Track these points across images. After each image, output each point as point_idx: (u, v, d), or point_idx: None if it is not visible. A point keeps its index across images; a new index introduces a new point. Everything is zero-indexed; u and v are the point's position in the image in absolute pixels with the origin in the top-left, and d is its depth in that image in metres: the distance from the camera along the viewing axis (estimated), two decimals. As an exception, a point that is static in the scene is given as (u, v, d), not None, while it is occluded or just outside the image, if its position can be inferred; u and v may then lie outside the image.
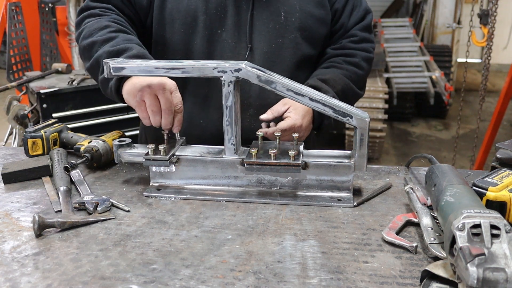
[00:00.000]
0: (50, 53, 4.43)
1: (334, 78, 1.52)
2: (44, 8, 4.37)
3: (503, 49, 8.75)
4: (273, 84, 1.19)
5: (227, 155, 1.25)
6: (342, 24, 1.62)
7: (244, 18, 1.48)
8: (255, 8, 1.48)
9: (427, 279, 0.88)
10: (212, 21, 1.47)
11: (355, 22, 1.62)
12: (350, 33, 1.63)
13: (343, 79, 1.53)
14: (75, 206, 1.18)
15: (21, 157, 1.53)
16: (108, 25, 1.41)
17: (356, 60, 1.60)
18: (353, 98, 1.60)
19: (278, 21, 1.50)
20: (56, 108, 3.22)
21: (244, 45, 1.49)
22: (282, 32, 1.50)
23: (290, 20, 1.50)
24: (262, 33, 1.49)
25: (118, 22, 1.45)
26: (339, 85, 1.50)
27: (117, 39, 1.37)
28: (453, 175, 1.05)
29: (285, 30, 1.50)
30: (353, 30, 1.63)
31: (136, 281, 0.90)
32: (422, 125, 6.94)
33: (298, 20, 1.51)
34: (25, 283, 0.90)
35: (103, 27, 1.41)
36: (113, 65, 1.23)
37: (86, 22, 1.47)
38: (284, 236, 1.06)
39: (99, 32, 1.40)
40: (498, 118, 4.35)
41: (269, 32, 1.50)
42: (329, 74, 1.53)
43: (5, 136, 3.50)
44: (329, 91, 1.46)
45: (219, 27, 1.48)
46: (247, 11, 1.48)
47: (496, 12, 3.94)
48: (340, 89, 1.50)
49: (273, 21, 1.50)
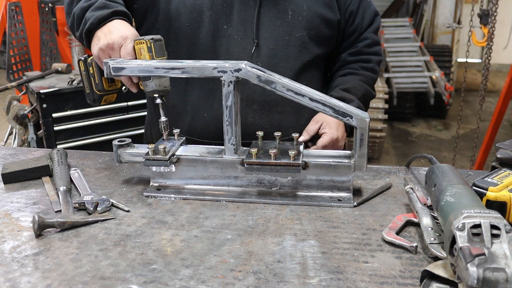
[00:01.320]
0: (50, 53, 4.43)
1: (354, 86, 1.59)
2: (44, 8, 4.37)
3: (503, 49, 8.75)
4: (273, 84, 1.19)
5: (227, 155, 1.25)
6: (356, 26, 1.66)
7: (251, 15, 1.49)
8: (263, 5, 1.50)
9: (427, 279, 0.87)
10: (217, 16, 1.49)
11: (367, 25, 1.67)
12: (364, 36, 1.67)
13: (362, 85, 1.61)
14: (75, 206, 1.18)
15: (21, 157, 1.53)
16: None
17: (371, 65, 1.67)
18: (370, 100, 1.69)
19: (285, 19, 1.51)
20: (56, 108, 3.22)
21: (250, 40, 1.50)
22: (289, 30, 1.52)
23: (297, 19, 1.52)
24: (269, 30, 1.51)
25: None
26: (360, 92, 1.58)
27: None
28: (453, 175, 1.05)
29: (292, 29, 1.52)
30: (366, 33, 1.68)
31: (136, 281, 0.90)
32: (422, 125, 6.94)
33: (305, 20, 1.53)
34: (25, 283, 0.90)
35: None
36: (113, 65, 1.24)
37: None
38: (284, 236, 1.06)
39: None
40: (498, 118, 4.35)
41: (276, 29, 1.51)
42: (349, 83, 1.59)
43: (5, 136, 3.50)
44: (353, 99, 1.53)
45: (224, 23, 1.49)
46: (254, 8, 1.49)
47: (496, 12, 3.94)
48: (361, 96, 1.57)
49: (280, 19, 1.51)
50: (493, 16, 3.95)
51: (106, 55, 1.31)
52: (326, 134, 1.47)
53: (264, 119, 1.52)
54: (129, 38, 1.30)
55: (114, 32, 1.31)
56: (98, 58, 1.34)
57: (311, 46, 1.56)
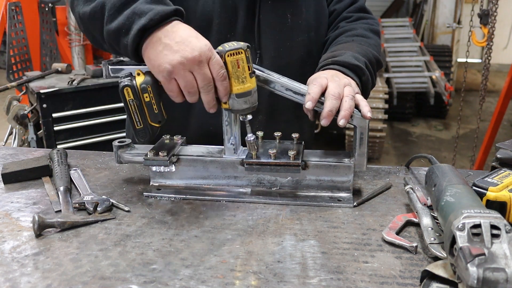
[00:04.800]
0: (50, 53, 4.44)
1: (343, 46, 1.40)
2: (44, 8, 4.37)
3: (503, 49, 8.76)
4: (272, 83, 1.19)
5: (226, 155, 1.25)
6: (333, 10, 1.55)
7: (253, 23, 1.41)
8: (261, 12, 1.41)
9: (427, 279, 0.87)
10: (223, 25, 1.39)
11: (345, 5, 1.55)
12: (343, 15, 1.55)
13: (353, 44, 1.41)
14: (75, 206, 1.18)
15: (21, 157, 1.53)
16: None
17: (358, 31, 1.47)
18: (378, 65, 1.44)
19: (285, 23, 1.44)
20: (56, 108, 3.23)
21: (253, 51, 1.40)
22: (289, 35, 1.45)
23: (297, 22, 1.45)
24: (269, 37, 1.43)
25: None
26: (352, 49, 1.36)
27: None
28: (453, 175, 1.05)
29: (292, 33, 1.45)
30: (345, 12, 1.55)
31: (136, 281, 0.90)
32: (422, 125, 6.95)
33: (304, 22, 1.46)
34: (25, 283, 0.90)
35: None
36: (111, 66, 1.21)
37: None
38: (284, 236, 1.06)
39: None
40: (498, 118, 4.35)
41: (276, 36, 1.44)
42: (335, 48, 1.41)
43: (5, 136, 3.50)
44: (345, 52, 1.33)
45: (228, 32, 1.40)
46: (255, 16, 1.41)
47: (496, 12, 3.94)
48: (356, 51, 1.35)
49: (280, 24, 1.43)
50: (493, 16, 3.95)
51: (185, 71, 1.05)
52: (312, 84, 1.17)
53: (270, 128, 1.40)
54: (212, 48, 1.08)
55: (193, 41, 1.06)
56: (169, 72, 1.05)
57: (313, 49, 1.49)
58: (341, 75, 1.24)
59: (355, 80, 1.27)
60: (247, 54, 1.09)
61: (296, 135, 1.28)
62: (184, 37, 1.07)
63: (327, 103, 1.13)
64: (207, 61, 1.06)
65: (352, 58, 1.31)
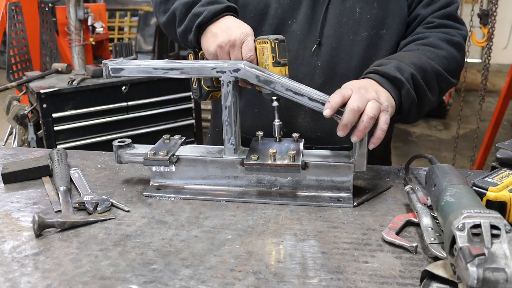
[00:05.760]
0: (50, 53, 4.44)
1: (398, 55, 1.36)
2: (44, 8, 4.37)
3: (503, 49, 8.75)
4: (272, 84, 1.18)
5: (226, 155, 1.25)
6: (417, 15, 1.47)
7: (319, 11, 1.43)
8: (331, 2, 1.43)
9: (427, 279, 0.87)
10: (284, 10, 1.44)
11: (433, 10, 1.46)
12: (426, 20, 1.46)
13: (412, 54, 1.35)
14: (75, 206, 1.18)
15: (21, 157, 1.53)
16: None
17: (430, 40, 1.40)
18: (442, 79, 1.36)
19: (352, 17, 1.42)
20: (56, 108, 3.22)
21: (313, 38, 1.43)
22: (355, 29, 1.43)
23: (365, 16, 1.42)
24: (333, 28, 1.43)
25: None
26: (405, 59, 1.31)
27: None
28: (453, 175, 1.05)
29: (358, 27, 1.43)
30: (430, 17, 1.46)
31: (136, 281, 0.90)
32: (422, 125, 6.94)
33: (374, 17, 1.43)
34: (25, 283, 0.90)
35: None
36: (111, 66, 1.23)
37: None
38: (284, 236, 1.06)
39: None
40: (498, 118, 4.35)
41: (341, 27, 1.43)
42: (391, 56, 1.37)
43: (5, 136, 3.50)
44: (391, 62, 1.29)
45: (290, 18, 1.44)
46: (322, 5, 1.43)
47: (496, 12, 3.94)
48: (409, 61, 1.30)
49: (346, 17, 1.43)
50: (493, 16, 3.95)
51: (224, 53, 1.26)
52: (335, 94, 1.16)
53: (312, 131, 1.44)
54: (250, 35, 1.25)
55: (233, 29, 1.26)
56: (214, 55, 1.28)
57: (378, 46, 1.44)
58: (372, 87, 1.21)
59: (391, 93, 1.24)
60: (272, 45, 1.23)
61: (296, 135, 1.28)
62: (228, 26, 1.28)
63: (344, 116, 1.13)
64: (240, 45, 1.25)
65: (394, 69, 1.26)
